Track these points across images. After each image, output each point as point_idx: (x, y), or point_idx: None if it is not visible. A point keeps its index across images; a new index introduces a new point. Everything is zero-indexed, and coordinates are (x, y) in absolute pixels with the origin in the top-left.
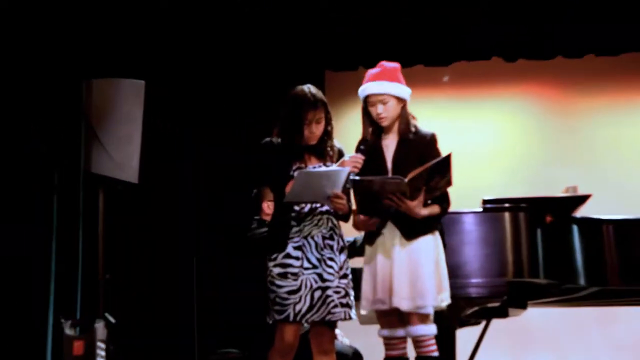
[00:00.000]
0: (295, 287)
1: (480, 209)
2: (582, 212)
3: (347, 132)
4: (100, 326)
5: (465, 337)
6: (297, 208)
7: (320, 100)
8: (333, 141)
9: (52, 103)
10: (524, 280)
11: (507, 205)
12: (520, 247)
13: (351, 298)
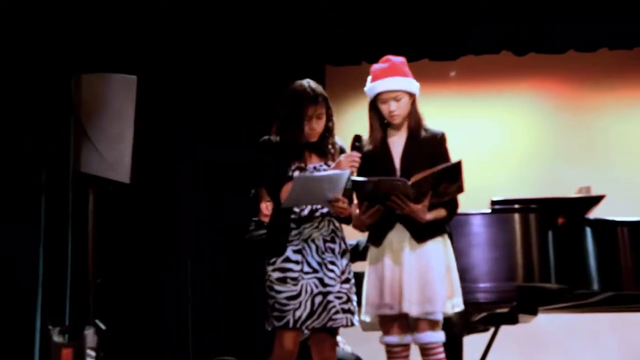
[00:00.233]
0: (295, 293)
1: (488, 210)
2: (596, 214)
3: (349, 130)
4: (90, 333)
5: (472, 345)
6: (297, 210)
7: (321, 95)
8: (334, 138)
9: (40, 99)
10: (534, 285)
11: (517, 206)
12: (531, 250)
13: (353, 304)
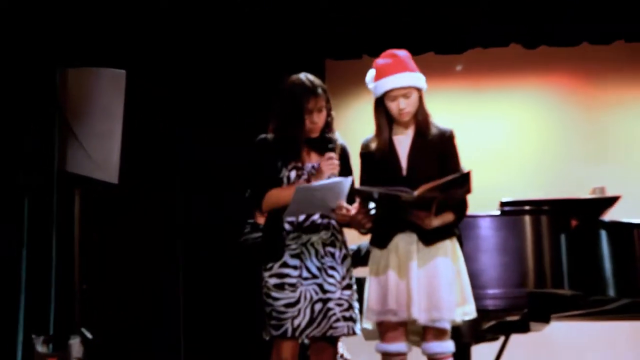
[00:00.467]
0: (294, 300)
1: (497, 212)
2: (611, 216)
3: (351, 127)
4: (75, 342)
5: (481, 355)
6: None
7: (320, 87)
8: (335, 134)
9: (23, 94)
10: (546, 291)
11: (528, 208)
12: (542, 255)
13: (355, 311)
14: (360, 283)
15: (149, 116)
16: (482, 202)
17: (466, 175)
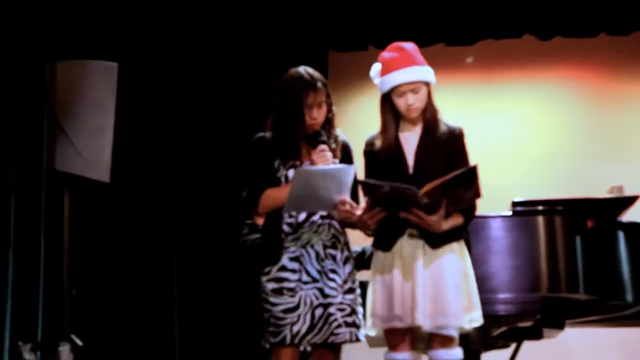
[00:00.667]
0: (293, 305)
1: (509, 212)
2: (629, 216)
3: (355, 123)
4: (65, 350)
5: None
6: (293, 213)
7: (320, 80)
8: (336, 130)
9: (9, 89)
10: (560, 295)
11: (541, 207)
12: (557, 257)
13: (359, 316)
14: (364, 287)
15: (142, 112)
16: (493, 202)
17: (472, 170)
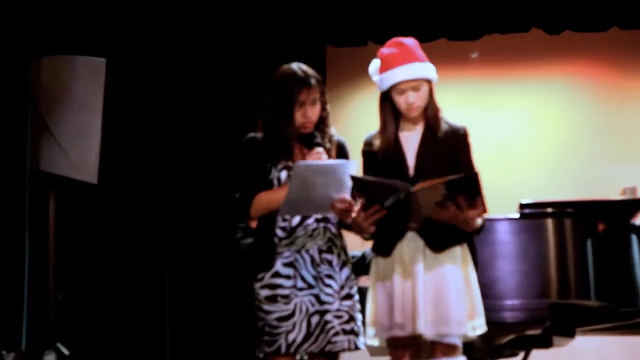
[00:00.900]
0: (288, 313)
1: (516, 214)
2: None
3: (353, 121)
4: (50, 359)
5: None
6: (287, 217)
7: (314, 77)
8: (330, 130)
9: None
10: (570, 302)
11: (550, 210)
12: (566, 262)
13: (357, 323)
14: (362, 293)
15: (130, 109)
16: (499, 204)
17: (473, 177)
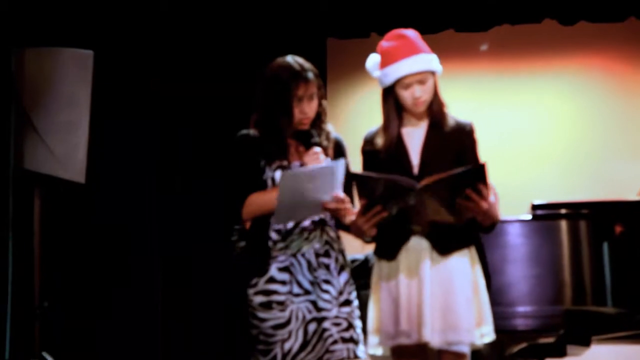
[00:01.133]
0: (283, 320)
1: (528, 216)
2: None
3: (356, 117)
4: None
5: None
6: None
7: (311, 70)
8: (327, 126)
9: None
10: (586, 308)
11: (564, 211)
12: (582, 266)
13: (357, 331)
14: (360, 298)
15: (118, 105)
16: (510, 205)
17: (480, 169)
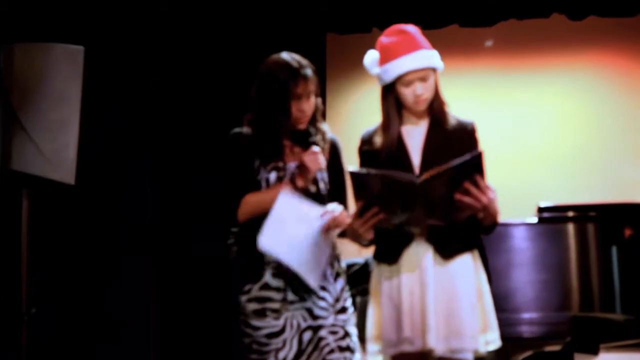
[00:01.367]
0: (278, 329)
1: (534, 218)
2: None
3: (356, 114)
4: None
5: None
6: None
7: (309, 67)
8: (323, 125)
9: None
10: (594, 315)
11: (571, 214)
12: (589, 271)
13: (353, 339)
14: (357, 304)
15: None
16: (516, 207)
17: (476, 157)
